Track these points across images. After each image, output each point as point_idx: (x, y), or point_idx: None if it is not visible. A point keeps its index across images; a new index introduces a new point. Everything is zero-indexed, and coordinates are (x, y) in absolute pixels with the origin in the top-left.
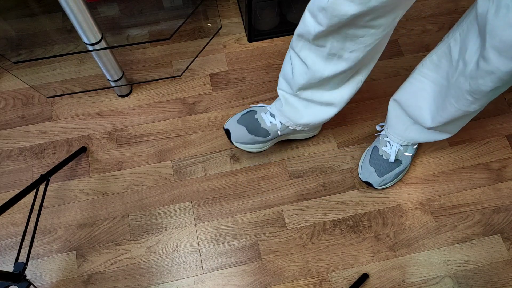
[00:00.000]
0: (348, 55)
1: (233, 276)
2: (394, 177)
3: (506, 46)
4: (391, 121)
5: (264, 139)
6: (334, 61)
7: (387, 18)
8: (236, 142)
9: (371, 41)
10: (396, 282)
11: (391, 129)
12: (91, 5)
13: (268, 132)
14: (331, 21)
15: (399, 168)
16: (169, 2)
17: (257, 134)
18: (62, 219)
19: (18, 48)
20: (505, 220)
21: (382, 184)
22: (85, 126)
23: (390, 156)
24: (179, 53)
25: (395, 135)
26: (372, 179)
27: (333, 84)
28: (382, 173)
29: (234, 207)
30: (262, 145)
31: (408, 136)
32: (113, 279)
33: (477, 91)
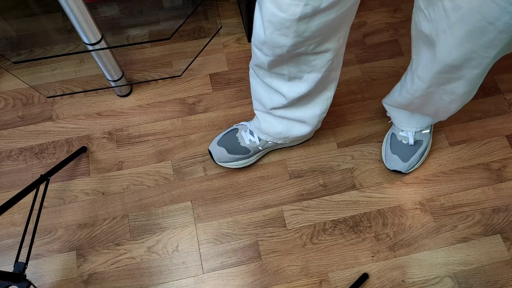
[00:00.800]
0: (307, 76)
1: (233, 276)
2: (419, 158)
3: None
4: (392, 114)
5: (245, 156)
6: (296, 83)
7: (331, 42)
8: (218, 162)
9: (324, 62)
10: (396, 282)
11: (396, 120)
12: (91, 5)
13: (247, 149)
14: (275, 52)
15: (422, 148)
16: (169, 2)
17: (237, 152)
18: (62, 219)
19: (18, 48)
20: (505, 220)
21: (410, 168)
22: (85, 126)
23: (409, 140)
24: (179, 53)
25: (402, 124)
26: (399, 166)
27: (302, 103)
28: (407, 158)
29: (234, 207)
30: (246, 161)
31: (413, 123)
32: (113, 279)
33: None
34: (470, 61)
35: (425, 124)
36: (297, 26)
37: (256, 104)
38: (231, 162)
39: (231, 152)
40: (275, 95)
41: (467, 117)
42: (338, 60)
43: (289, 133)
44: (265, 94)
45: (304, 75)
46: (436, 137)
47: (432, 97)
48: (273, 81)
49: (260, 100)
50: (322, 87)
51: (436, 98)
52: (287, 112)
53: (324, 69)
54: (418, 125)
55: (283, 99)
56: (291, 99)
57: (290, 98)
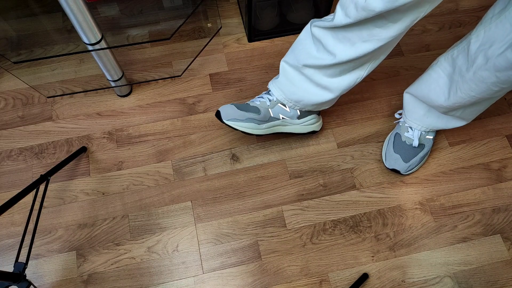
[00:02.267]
0: (361, 44)
1: (233, 276)
2: (419, 161)
3: None
4: (409, 109)
5: (256, 117)
6: (348, 46)
7: (409, 17)
8: (226, 119)
9: (386, 35)
10: (396, 282)
11: (410, 115)
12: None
13: (258, 109)
14: (359, 15)
15: (423, 152)
16: (169, 2)
17: (247, 110)
18: (62, 219)
19: (18, 48)
20: (505, 220)
21: (408, 169)
22: (85, 126)
23: (414, 141)
24: (179, 53)
25: (414, 121)
26: (399, 165)
27: (337, 71)
28: (408, 158)
29: (234, 207)
30: (256, 126)
31: (427, 122)
32: (113, 279)
33: (506, 81)
34: None
35: (438, 126)
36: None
37: (290, 55)
38: (240, 121)
39: (241, 108)
40: (324, 52)
41: None
42: (393, 42)
43: (304, 97)
44: (313, 47)
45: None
46: (436, 137)
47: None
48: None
49: (299, 52)
50: (363, 61)
51: (483, 87)
52: (315, 74)
53: (380, 44)
54: (430, 125)
55: (331, 58)
56: (340, 61)
57: (340, 60)
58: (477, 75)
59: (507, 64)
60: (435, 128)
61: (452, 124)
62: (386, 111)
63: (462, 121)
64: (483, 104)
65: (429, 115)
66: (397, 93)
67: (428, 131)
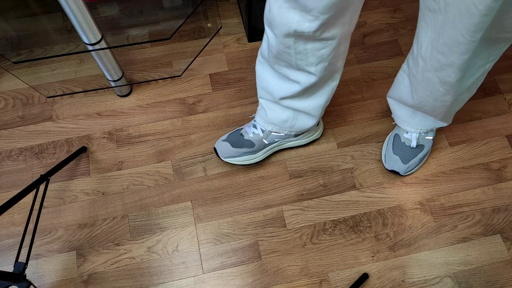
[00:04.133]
0: (315, 68)
1: (233, 276)
2: (418, 162)
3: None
4: (395, 112)
5: (251, 150)
6: (305, 74)
7: (337, 28)
8: (223, 157)
9: (330, 51)
10: (396, 282)
11: (399, 119)
12: (91, 5)
13: (252, 142)
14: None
15: (423, 153)
16: (169, 2)
17: (241, 146)
18: (62, 219)
19: (18, 48)
20: (505, 220)
21: (408, 170)
22: (85, 126)
23: (412, 142)
24: (179, 53)
25: (405, 124)
26: (398, 167)
27: (310, 93)
28: (407, 159)
29: (234, 207)
30: (252, 156)
31: (415, 122)
32: (113, 279)
33: (445, 82)
34: (458, 45)
35: (427, 126)
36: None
37: (262, 92)
38: (236, 157)
39: (236, 145)
40: (287, 83)
41: (467, 117)
42: (344, 48)
43: (295, 123)
44: (275, 82)
45: (312, 67)
46: (436, 137)
47: (429, 86)
48: (282, 69)
49: (267, 89)
50: (328, 77)
51: (432, 87)
52: (295, 102)
53: (330, 57)
54: (419, 125)
55: (297, 87)
56: (304, 87)
57: (303, 86)
58: (424, 76)
59: (439, 64)
60: (426, 127)
61: (438, 123)
62: (386, 111)
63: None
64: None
65: (415, 116)
66: None
67: (425, 131)
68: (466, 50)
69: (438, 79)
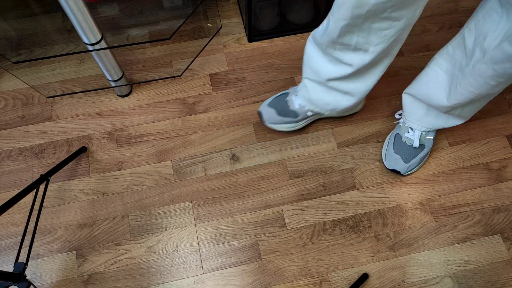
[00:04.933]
0: (373, 48)
1: (233, 276)
2: (419, 161)
3: None
4: (408, 109)
5: (295, 119)
6: (361, 54)
7: (408, 10)
8: (269, 123)
9: (393, 32)
10: (396, 282)
11: (410, 116)
12: (91, 5)
13: (297, 113)
14: (354, 12)
15: (423, 152)
16: (169, 2)
17: (286, 115)
18: (62, 219)
19: (18, 48)
20: (505, 220)
21: (409, 170)
22: (85, 126)
23: (414, 142)
24: (179, 53)
25: (414, 121)
26: (399, 166)
27: (356, 76)
28: (408, 159)
29: (234, 207)
30: (295, 125)
31: (427, 121)
32: (113, 279)
33: (503, 75)
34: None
35: (438, 125)
36: None
37: (309, 72)
38: (280, 124)
39: (281, 114)
40: (338, 65)
41: None
42: (405, 36)
43: (338, 105)
44: (325, 64)
45: (371, 47)
46: (436, 137)
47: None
48: (336, 52)
49: (315, 69)
50: (379, 60)
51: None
52: (341, 84)
53: (391, 40)
54: (430, 124)
55: (349, 69)
56: (356, 69)
57: (356, 68)
58: (475, 68)
59: (503, 56)
60: (435, 127)
61: (451, 122)
62: (386, 111)
63: (461, 119)
64: (481, 101)
65: (429, 114)
66: (397, 93)
67: (428, 131)
68: None
69: (493, 72)
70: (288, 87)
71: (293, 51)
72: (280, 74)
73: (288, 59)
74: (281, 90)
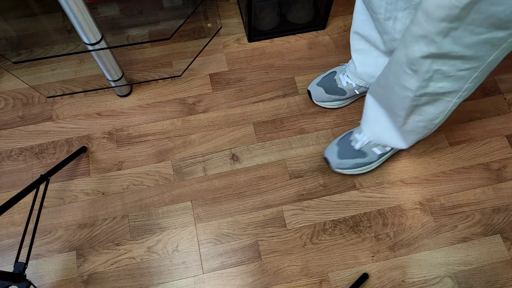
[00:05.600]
0: None
1: (233, 276)
2: (352, 166)
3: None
4: (366, 112)
5: (342, 97)
6: None
7: None
8: (316, 101)
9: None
10: (396, 282)
11: (364, 118)
12: (91, 5)
13: (344, 91)
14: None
15: (361, 160)
16: (169, 2)
17: (334, 93)
18: (62, 219)
19: (18, 48)
20: (505, 220)
21: (338, 167)
22: (85, 126)
23: (356, 144)
24: (179, 53)
25: (364, 125)
26: (332, 157)
27: None
28: (343, 156)
29: (234, 207)
30: (342, 102)
31: (374, 128)
32: (113, 279)
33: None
34: None
35: (382, 139)
36: None
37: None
38: (328, 102)
39: (329, 92)
40: None
41: (467, 117)
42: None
43: None
44: None
45: None
46: (436, 137)
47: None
48: None
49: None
50: None
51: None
52: None
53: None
54: (374, 135)
55: None
56: None
57: None
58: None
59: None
60: (380, 140)
61: (395, 142)
62: None
63: (404, 143)
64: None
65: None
66: None
67: (376, 144)
68: None
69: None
70: (290, 86)
71: (293, 51)
72: (280, 74)
73: (288, 59)
74: (281, 90)
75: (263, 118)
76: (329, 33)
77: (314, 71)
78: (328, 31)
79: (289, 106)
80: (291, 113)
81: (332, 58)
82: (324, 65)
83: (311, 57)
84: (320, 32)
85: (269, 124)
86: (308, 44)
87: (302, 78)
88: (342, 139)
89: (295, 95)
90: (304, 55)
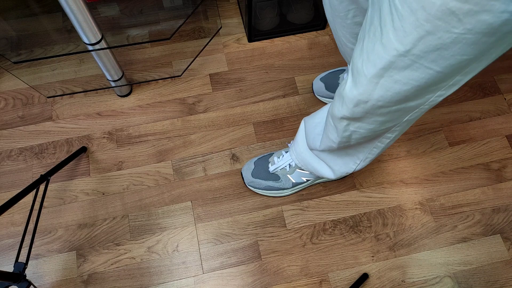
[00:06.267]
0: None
1: (233, 276)
2: (263, 187)
3: None
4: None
5: (275, 184)
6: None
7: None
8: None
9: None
10: (396, 282)
11: (294, 140)
12: (91, 5)
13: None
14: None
15: (272, 183)
16: (169, 2)
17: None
18: (62, 219)
19: (18, 48)
20: (505, 220)
21: (250, 185)
22: (85, 126)
23: (271, 166)
24: (179, 53)
25: (293, 148)
26: (246, 174)
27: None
28: (256, 175)
29: (234, 207)
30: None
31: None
32: (113, 279)
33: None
34: None
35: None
36: None
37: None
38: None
39: (329, 89)
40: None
41: (467, 117)
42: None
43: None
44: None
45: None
46: (436, 137)
47: None
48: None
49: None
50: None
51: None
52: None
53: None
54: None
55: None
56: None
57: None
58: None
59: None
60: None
61: (321, 170)
62: None
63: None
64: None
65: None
66: None
67: (296, 169)
68: None
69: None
70: (290, 86)
71: (293, 51)
72: (280, 74)
73: (288, 59)
74: (281, 90)
75: (263, 118)
76: (329, 33)
77: (314, 71)
78: (328, 31)
79: (289, 106)
80: (291, 113)
81: (332, 58)
82: (324, 65)
83: (311, 57)
84: (320, 32)
85: (269, 124)
86: (308, 44)
87: (302, 78)
88: (261, 158)
89: (295, 95)
90: (304, 55)
